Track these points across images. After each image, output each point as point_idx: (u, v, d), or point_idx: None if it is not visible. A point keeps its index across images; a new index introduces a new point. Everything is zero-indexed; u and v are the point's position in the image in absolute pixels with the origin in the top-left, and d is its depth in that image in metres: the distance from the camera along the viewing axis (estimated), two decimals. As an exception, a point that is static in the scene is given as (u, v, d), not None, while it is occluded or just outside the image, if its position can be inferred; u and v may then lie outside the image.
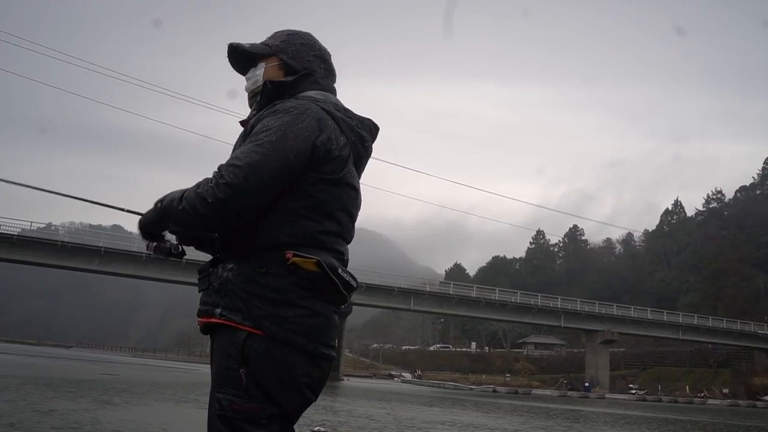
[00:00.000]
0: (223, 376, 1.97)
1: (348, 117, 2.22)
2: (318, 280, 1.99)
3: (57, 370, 26.40)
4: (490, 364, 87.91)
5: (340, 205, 2.12)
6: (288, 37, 2.33)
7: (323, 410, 15.40)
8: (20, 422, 8.02)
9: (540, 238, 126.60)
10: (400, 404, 22.10)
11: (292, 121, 2.02)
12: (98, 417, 9.28)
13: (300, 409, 2.07)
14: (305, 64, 2.29)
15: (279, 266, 1.97)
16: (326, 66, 2.36)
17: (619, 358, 75.53)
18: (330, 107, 2.16)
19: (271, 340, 1.95)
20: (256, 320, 1.95)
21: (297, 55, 2.29)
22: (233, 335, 1.96)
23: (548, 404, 33.42)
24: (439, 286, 69.34)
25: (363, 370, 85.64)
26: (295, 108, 2.06)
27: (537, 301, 64.69)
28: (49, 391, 13.74)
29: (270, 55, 2.29)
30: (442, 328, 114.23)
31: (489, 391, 55.66)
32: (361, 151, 2.26)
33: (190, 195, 1.95)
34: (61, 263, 49.08)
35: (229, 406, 1.93)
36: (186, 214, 1.95)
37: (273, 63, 2.28)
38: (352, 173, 2.18)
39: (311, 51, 2.33)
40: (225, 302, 2.00)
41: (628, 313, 67.26)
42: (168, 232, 2.14)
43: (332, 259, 2.05)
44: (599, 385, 62.12)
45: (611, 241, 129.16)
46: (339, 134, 2.13)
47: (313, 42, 2.36)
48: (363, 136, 2.26)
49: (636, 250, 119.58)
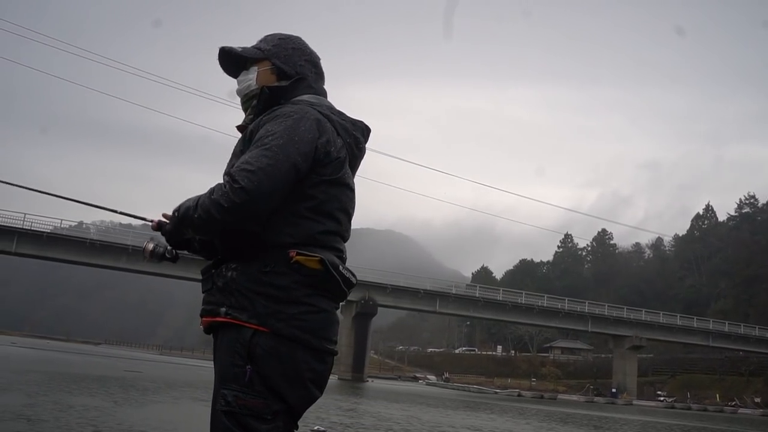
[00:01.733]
0: (229, 373, 2.01)
1: (342, 120, 2.29)
2: (321, 277, 2.07)
3: (83, 366, 26.62)
4: (516, 368, 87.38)
5: (339, 205, 2.19)
6: (280, 42, 2.37)
7: (347, 412, 15.35)
8: (37, 417, 8.01)
9: (568, 242, 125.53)
10: (424, 407, 21.98)
11: (295, 124, 2.08)
12: (115, 414, 9.27)
13: (304, 405, 2.12)
14: (297, 68, 2.34)
15: (283, 265, 2.04)
16: (316, 70, 2.41)
17: (647, 365, 74.52)
18: (325, 110, 2.23)
19: (276, 337, 2.01)
20: (262, 318, 2.01)
21: (289, 59, 2.34)
22: (239, 333, 2.02)
23: (574, 410, 33.04)
24: (466, 289, 69.13)
25: (388, 372, 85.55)
26: (295, 112, 2.12)
27: (564, 305, 64.21)
28: (71, 387, 13.80)
29: (262, 59, 2.34)
30: (468, 331, 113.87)
31: (514, 395, 55.27)
32: (355, 152, 2.33)
33: (205, 202, 2.00)
34: (89, 261, 49.79)
35: (236, 402, 1.97)
36: (202, 220, 2.01)
37: (265, 67, 2.33)
38: (348, 174, 2.26)
39: (302, 55, 2.38)
40: (230, 301, 2.05)
41: (657, 318, 66.45)
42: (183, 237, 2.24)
43: (333, 257, 2.13)
44: (626, 392, 61.45)
45: (640, 246, 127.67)
46: (336, 136, 2.21)
47: (304, 46, 2.42)
48: (357, 137, 2.33)
49: (666, 255, 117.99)
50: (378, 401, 23.32)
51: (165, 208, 2.26)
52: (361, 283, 56.96)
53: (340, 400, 20.74)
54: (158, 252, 2.28)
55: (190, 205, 2.05)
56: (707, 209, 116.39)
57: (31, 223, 48.18)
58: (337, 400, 20.68)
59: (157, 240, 2.31)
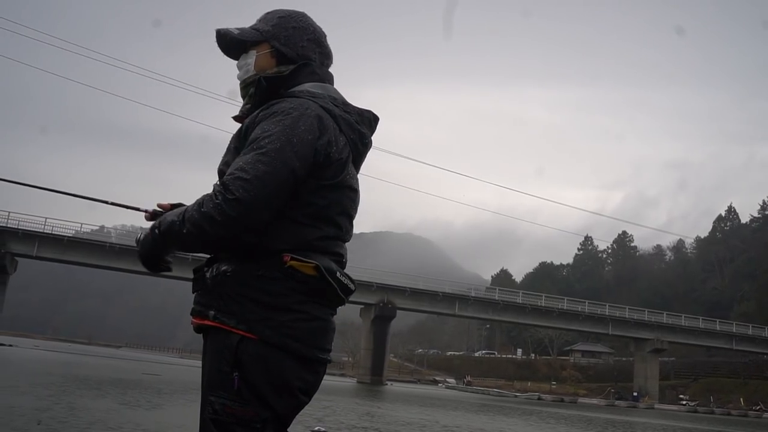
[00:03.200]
0: (216, 379, 1.90)
1: (347, 112, 2.11)
2: (316, 284, 1.94)
3: (102, 369, 26.79)
4: (536, 371, 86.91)
5: (341, 209, 2.05)
6: (279, 21, 2.17)
7: (366, 416, 15.31)
8: (48, 419, 8.02)
9: (588, 244, 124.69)
10: (444, 410, 21.91)
11: (293, 124, 1.92)
12: (127, 416, 9.27)
13: (293, 413, 2.01)
14: (299, 50, 2.15)
15: (276, 270, 1.91)
16: (322, 50, 2.21)
17: (668, 368, 73.81)
18: (328, 103, 2.05)
19: (264, 344, 1.89)
20: (250, 324, 1.89)
21: (289, 41, 2.14)
22: (227, 338, 1.90)
23: (595, 413, 32.78)
24: (485, 292, 68.92)
25: (407, 375, 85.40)
26: (294, 109, 1.95)
27: (584, 308, 63.79)
28: (88, 390, 13.86)
29: (261, 41, 2.14)
30: (487, 334, 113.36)
31: (534, 399, 54.96)
32: (360, 148, 2.16)
33: (194, 216, 1.84)
34: (109, 264, 50.23)
35: (223, 410, 1.87)
36: (192, 237, 1.87)
37: (264, 50, 2.14)
38: (351, 174, 2.10)
39: (305, 35, 2.17)
40: (219, 304, 1.93)
41: (679, 321, 65.83)
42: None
43: (331, 263, 1.99)
44: (648, 395, 60.92)
45: (661, 248, 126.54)
46: (338, 134, 2.04)
47: (307, 24, 2.20)
48: (363, 132, 2.15)
49: (687, 258, 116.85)
50: (397, 404, 23.27)
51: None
52: (380, 286, 57.07)
53: (359, 404, 20.73)
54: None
55: (174, 220, 1.89)
56: (729, 211, 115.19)
57: (51, 228, 48.75)
58: (356, 404, 20.68)
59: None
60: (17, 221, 49.06)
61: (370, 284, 56.85)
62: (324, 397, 22.39)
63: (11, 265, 50.30)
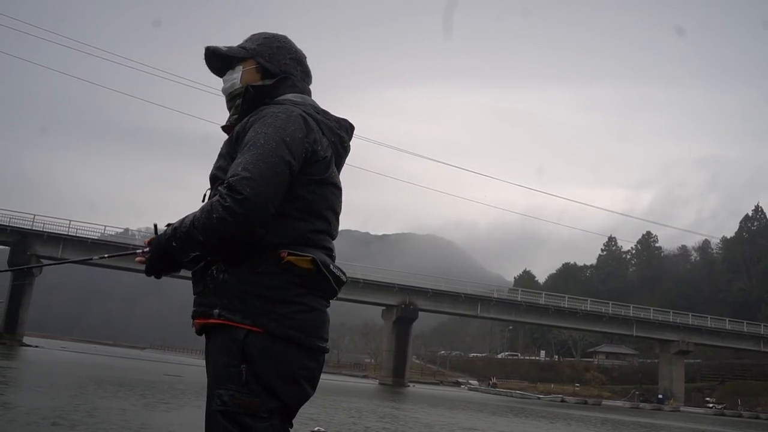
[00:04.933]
0: (224, 374, 2.02)
1: (327, 119, 2.29)
2: (312, 276, 2.09)
3: (124, 370, 26.99)
4: (560, 373, 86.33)
5: (328, 205, 2.20)
6: (264, 41, 2.37)
7: (389, 419, 15.23)
8: (63, 420, 8.04)
9: (612, 245, 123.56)
10: (467, 412, 21.79)
11: (284, 125, 2.08)
12: (141, 417, 9.26)
13: (298, 403, 2.13)
14: (282, 66, 2.34)
15: (274, 265, 2.05)
16: (302, 68, 2.41)
17: (694, 370, 72.90)
18: (310, 110, 2.23)
19: (269, 337, 2.02)
20: (255, 318, 2.02)
21: (273, 58, 2.34)
22: (233, 334, 2.02)
23: (621, 416, 32.45)
24: (507, 293, 68.58)
25: (429, 377, 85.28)
26: (281, 112, 2.12)
27: (608, 309, 63.25)
28: (107, 391, 13.91)
29: (247, 58, 2.33)
30: (510, 335, 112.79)
31: (557, 401, 54.59)
32: (341, 151, 2.33)
33: (206, 224, 1.97)
34: (131, 266, 50.70)
35: (232, 401, 1.98)
36: (210, 243, 2.01)
37: (250, 66, 2.33)
38: (335, 173, 2.26)
39: (287, 54, 2.38)
40: (222, 303, 2.05)
41: (705, 322, 65.05)
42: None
43: (324, 256, 2.14)
44: (673, 398, 60.29)
45: (687, 249, 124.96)
46: (321, 136, 2.21)
47: (290, 45, 2.41)
48: (342, 136, 2.33)
49: (713, 258, 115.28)
50: (419, 406, 23.19)
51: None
52: (401, 288, 57.02)
53: (380, 406, 20.68)
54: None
55: (189, 231, 2.00)
56: (756, 210, 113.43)
57: (76, 230, 49.38)
58: (378, 405, 20.64)
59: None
60: (42, 224, 49.86)
61: (391, 285, 56.84)
62: (344, 398, 22.40)
63: (37, 268, 50.94)
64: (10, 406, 8.90)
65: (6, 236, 49.55)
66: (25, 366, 22.89)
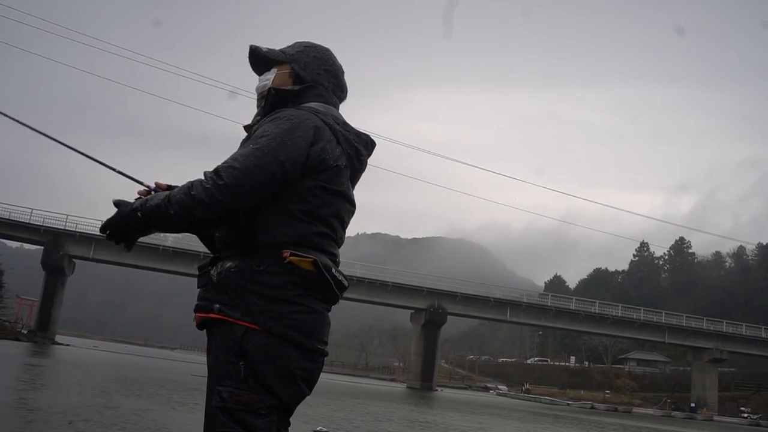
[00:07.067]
0: (223, 370, 2.05)
1: (346, 131, 2.31)
2: (313, 278, 2.10)
3: (151, 369, 27.17)
4: (590, 379, 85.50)
5: (334, 212, 2.21)
6: (304, 48, 2.44)
7: (420, 426, 15.03)
8: (80, 418, 8.01)
9: (644, 250, 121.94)
10: (497, 419, 21.52)
11: (292, 128, 2.12)
12: (159, 417, 9.20)
13: (295, 401, 2.17)
14: (314, 76, 2.38)
15: (276, 264, 2.08)
16: (336, 82, 2.44)
17: (728, 379, 71.57)
18: (329, 119, 2.26)
19: (267, 335, 2.04)
20: (254, 316, 2.05)
21: (308, 66, 2.39)
22: (231, 330, 2.06)
23: (653, 424, 31.89)
24: (537, 298, 67.93)
25: (458, 381, 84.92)
26: (295, 117, 2.16)
27: (640, 315, 62.42)
28: (130, 390, 13.92)
29: (284, 62, 2.40)
30: (540, 341, 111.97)
31: (587, 408, 53.92)
32: (356, 165, 2.35)
33: (183, 199, 2.02)
34: (162, 267, 51.34)
35: (230, 398, 2.01)
36: (179, 218, 2.04)
37: (284, 70, 2.38)
38: (347, 184, 2.28)
39: (323, 65, 2.42)
40: (223, 298, 2.09)
41: (740, 330, 63.86)
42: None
43: (327, 259, 2.16)
44: (706, 407, 59.26)
45: (721, 255, 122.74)
46: (335, 145, 2.23)
47: (327, 57, 2.46)
48: (359, 149, 2.35)
49: (748, 265, 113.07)
50: (447, 411, 22.97)
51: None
52: (430, 291, 56.81)
53: (412, 411, 20.51)
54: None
55: (160, 204, 2.04)
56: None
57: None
58: (408, 410, 20.47)
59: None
60: (75, 224, 50.58)
61: (420, 289, 56.68)
62: (368, 402, 22.28)
63: (69, 267, 51.86)
64: (32, 406, 8.88)
65: (40, 236, 50.48)
66: (56, 364, 23.14)
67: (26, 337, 45.35)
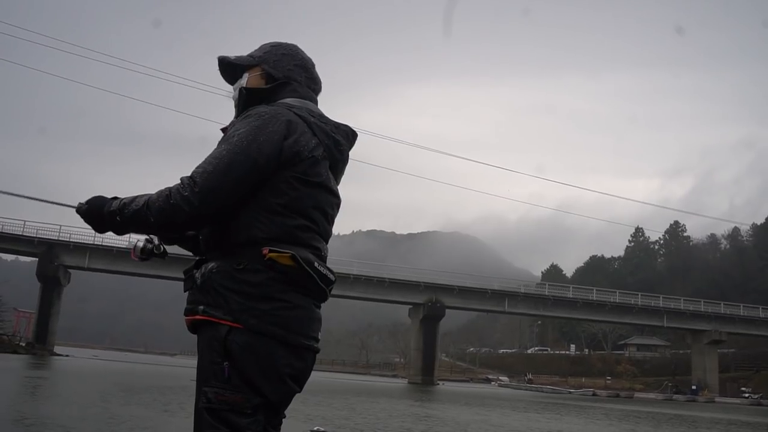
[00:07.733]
0: (209, 371, 2.05)
1: (322, 122, 2.30)
2: (295, 273, 2.09)
3: (150, 376, 27.07)
4: (591, 366, 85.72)
5: (315, 204, 2.20)
6: (271, 48, 2.45)
7: (425, 419, 15.02)
8: (76, 428, 7.96)
9: (639, 236, 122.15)
10: (500, 410, 21.51)
11: (263, 125, 2.13)
12: (158, 424, 9.17)
13: (284, 400, 2.16)
14: (286, 72, 2.39)
15: (256, 262, 2.08)
16: (308, 75, 2.45)
17: (728, 360, 71.84)
18: (304, 113, 2.25)
19: (251, 333, 2.04)
20: (236, 314, 2.05)
21: (278, 64, 2.40)
22: (216, 330, 2.06)
23: (653, 408, 31.95)
24: (535, 288, 68.07)
25: (459, 375, 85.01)
26: (266, 113, 2.17)
27: (637, 300, 62.57)
28: (128, 397, 13.87)
29: (254, 65, 2.40)
30: (539, 330, 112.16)
31: (588, 395, 54.03)
32: (336, 155, 2.33)
33: (162, 207, 2.05)
34: (160, 273, 51.12)
35: (216, 398, 2.01)
36: (158, 225, 2.09)
37: (256, 73, 2.39)
38: (326, 175, 2.26)
39: (292, 60, 2.43)
40: (207, 299, 2.10)
41: (738, 311, 64.07)
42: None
43: (308, 253, 2.14)
44: (707, 389, 59.45)
45: (716, 237, 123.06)
46: (310, 137, 2.21)
47: (296, 52, 2.46)
48: (338, 140, 2.33)
49: (743, 245, 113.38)
50: (449, 404, 22.97)
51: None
52: (427, 286, 56.81)
53: (413, 406, 20.50)
54: (147, 248, 2.31)
55: (140, 209, 2.08)
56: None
57: (102, 239, 49.70)
58: (410, 405, 20.46)
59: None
60: (68, 234, 50.34)
61: (417, 284, 56.70)
62: (370, 398, 22.25)
63: (65, 277, 51.65)
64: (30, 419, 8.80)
65: (34, 247, 50.30)
66: (54, 376, 23.02)
67: (25, 350, 45.25)
